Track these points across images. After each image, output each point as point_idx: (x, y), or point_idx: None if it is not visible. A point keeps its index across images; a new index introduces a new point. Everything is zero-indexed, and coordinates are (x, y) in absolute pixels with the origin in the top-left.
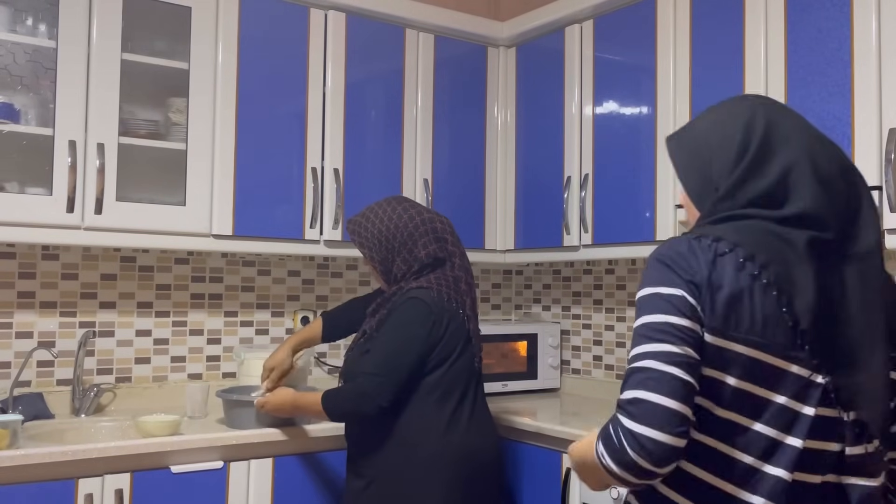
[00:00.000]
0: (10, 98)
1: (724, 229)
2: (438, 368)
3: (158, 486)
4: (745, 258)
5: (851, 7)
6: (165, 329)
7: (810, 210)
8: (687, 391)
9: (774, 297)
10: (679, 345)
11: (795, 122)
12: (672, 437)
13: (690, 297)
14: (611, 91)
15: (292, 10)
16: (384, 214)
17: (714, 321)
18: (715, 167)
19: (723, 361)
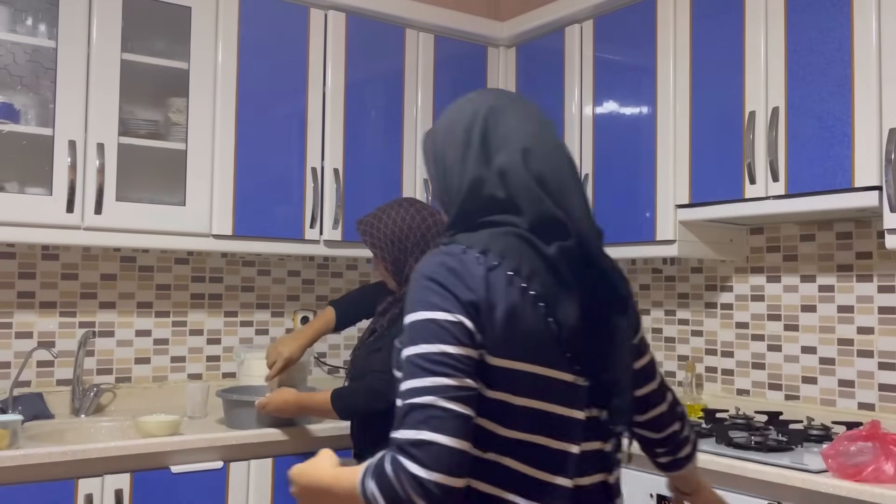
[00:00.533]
0: (10, 98)
1: (485, 239)
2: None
3: (158, 486)
4: (512, 271)
5: (851, 7)
6: (165, 329)
7: (546, 216)
8: (469, 426)
9: (542, 308)
10: (458, 377)
11: (517, 120)
12: (457, 478)
13: (469, 321)
14: (611, 91)
15: (292, 10)
16: (397, 216)
17: (495, 342)
18: (449, 171)
19: (508, 382)
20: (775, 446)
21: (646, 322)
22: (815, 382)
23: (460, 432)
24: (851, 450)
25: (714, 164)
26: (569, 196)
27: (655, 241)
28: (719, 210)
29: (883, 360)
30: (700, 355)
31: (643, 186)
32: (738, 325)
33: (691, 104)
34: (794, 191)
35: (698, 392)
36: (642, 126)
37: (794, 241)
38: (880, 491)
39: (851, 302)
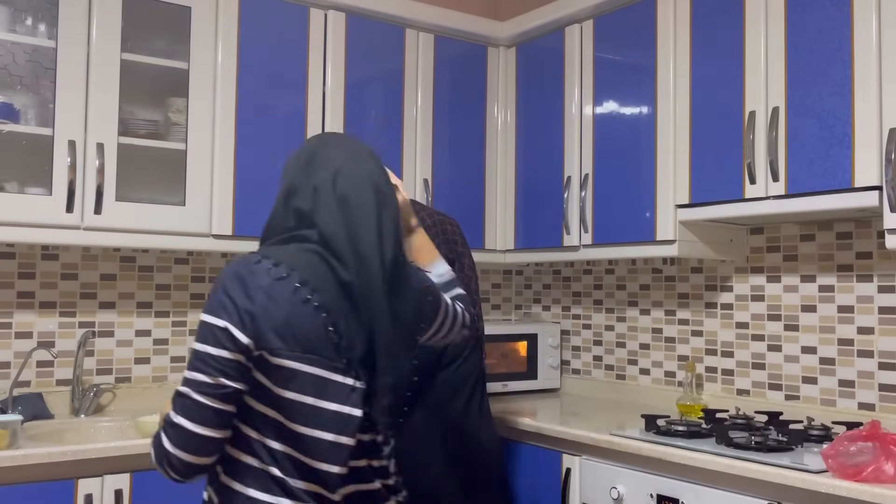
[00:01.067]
0: (10, 98)
1: (285, 253)
2: (449, 366)
3: (158, 486)
4: (299, 283)
5: (851, 7)
6: (165, 329)
7: (328, 232)
8: (218, 417)
9: (323, 318)
10: (213, 376)
11: (339, 149)
12: (198, 458)
13: (236, 328)
14: (611, 91)
15: (292, 10)
16: None
17: (276, 345)
18: (281, 191)
19: (291, 380)
20: (775, 446)
21: (646, 322)
22: (815, 382)
23: (207, 421)
24: (851, 450)
25: (714, 164)
26: (365, 218)
27: (655, 241)
28: (719, 210)
29: (883, 360)
30: (700, 355)
31: (643, 186)
32: (738, 325)
33: (691, 104)
34: (794, 191)
35: (698, 392)
36: (642, 126)
37: (794, 241)
38: (880, 491)
39: (851, 302)
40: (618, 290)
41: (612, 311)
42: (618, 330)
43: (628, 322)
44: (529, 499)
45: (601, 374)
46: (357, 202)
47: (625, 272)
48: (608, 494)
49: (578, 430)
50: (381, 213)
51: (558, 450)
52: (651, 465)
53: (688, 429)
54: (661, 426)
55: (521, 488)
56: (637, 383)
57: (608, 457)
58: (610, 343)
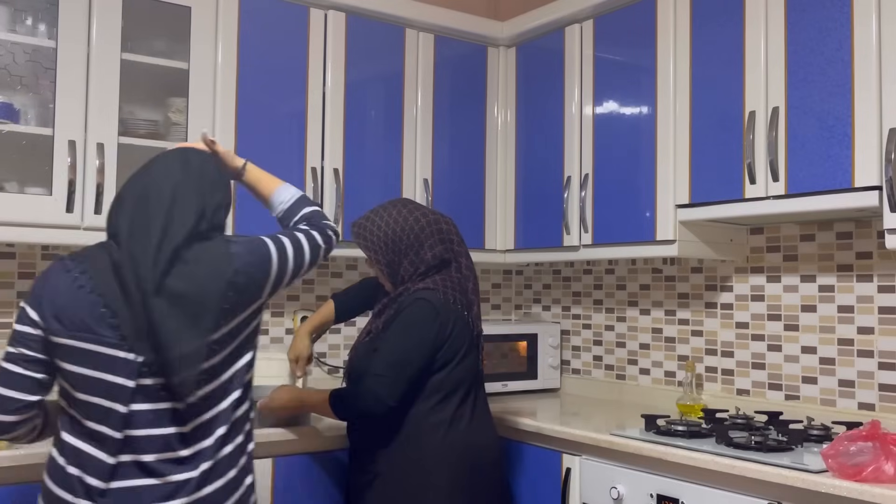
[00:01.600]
0: (10, 98)
1: (81, 251)
2: (443, 369)
3: None
4: (78, 273)
5: (851, 7)
6: None
7: (117, 226)
8: (22, 381)
9: (96, 300)
10: (16, 346)
11: (153, 165)
12: (8, 415)
13: (32, 309)
14: (611, 91)
15: (292, 10)
16: (389, 217)
17: (56, 326)
18: None
19: (66, 355)
20: (775, 446)
21: (646, 322)
22: (815, 382)
23: (10, 384)
24: (851, 450)
25: (714, 164)
26: (152, 210)
27: (655, 240)
28: (719, 210)
29: (883, 360)
30: (700, 355)
31: (643, 186)
32: (738, 325)
33: (691, 104)
34: (794, 191)
35: (698, 392)
36: (642, 126)
37: (794, 241)
38: (880, 491)
39: (851, 302)
40: (618, 290)
41: (612, 311)
42: (618, 330)
43: (628, 322)
44: (529, 499)
45: (601, 374)
46: (150, 199)
47: (625, 272)
48: (608, 494)
49: (578, 430)
50: (176, 202)
51: (558, 450)
52: (651, 465)
53: (688, 429)
54: (661, 426)
55: (521, 488)
56: (637, 383)
57: (608, 457)
58: (610, 343)
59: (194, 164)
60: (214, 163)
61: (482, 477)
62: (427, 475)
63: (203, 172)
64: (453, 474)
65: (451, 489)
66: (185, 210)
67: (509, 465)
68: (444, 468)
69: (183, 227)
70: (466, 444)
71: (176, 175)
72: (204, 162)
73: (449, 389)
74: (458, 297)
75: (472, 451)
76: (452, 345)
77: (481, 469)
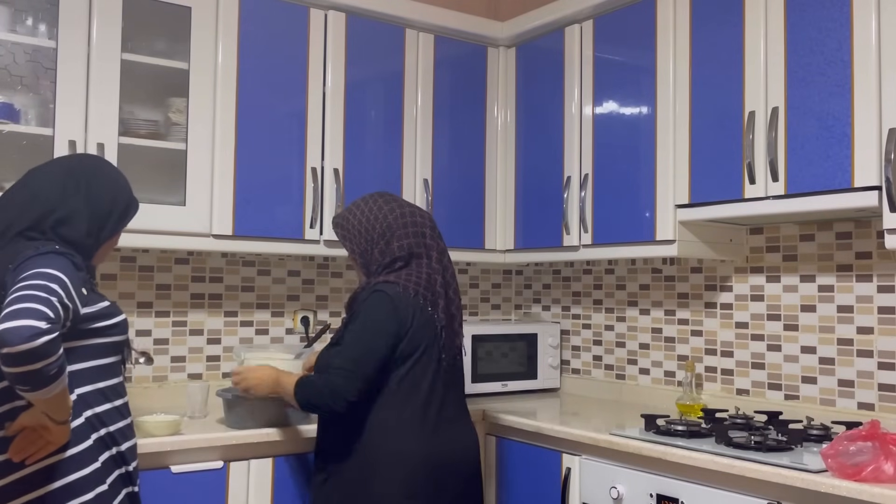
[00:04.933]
0: (10, 98)
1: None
2: (403, 364)
3: (158, 486)
4: None
5: (851, 7)
6: (165, 329)
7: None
8: None
9: None
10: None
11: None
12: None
13: None
14: (611, 91)
15: (292, 10)
16: (366, 207)
17: None
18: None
19: None
20: (775, 446)
21: (645, 322)
22: (814, 382)
23: None
24: (851, 449)
25: (714, 164)
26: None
27: (655, 240)
28: (719, 210)
29: (882, 359)
30: (700, 355)
31: (643, 186)
32: (737, 324)
33: (691, 104)
34: (793, 191)
35: (698, 392)
36: (642, 126)
37: (794, 241)
38: (880, 491)
39: (851, 302)
40: (618, 290)
41: (612, 310)
42: (617, 330)
43: (628, 322)
44: (529, 499)
45: (601, 374)
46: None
47: (624, 272)
48: (608, 494)
49: (578, 430)
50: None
51: (558, 450)
52: (651, 464)
53: (687, 428)
54: (660, 426)
55: (521, 488)
56: (637, 383)
57: (608, 456)
58: (610, 343)
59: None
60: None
61: (446, 487)
62: (378, 478)
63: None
64: (409, 482)
65: (406, 495)
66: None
67: (509, 465)
68: (400, 474)
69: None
70: (428, 451)
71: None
72: (91, 175)
73: (409, 387)
74: (422, 291)
75: (431, 455)
76: (413, 339)
77: (445, 478)
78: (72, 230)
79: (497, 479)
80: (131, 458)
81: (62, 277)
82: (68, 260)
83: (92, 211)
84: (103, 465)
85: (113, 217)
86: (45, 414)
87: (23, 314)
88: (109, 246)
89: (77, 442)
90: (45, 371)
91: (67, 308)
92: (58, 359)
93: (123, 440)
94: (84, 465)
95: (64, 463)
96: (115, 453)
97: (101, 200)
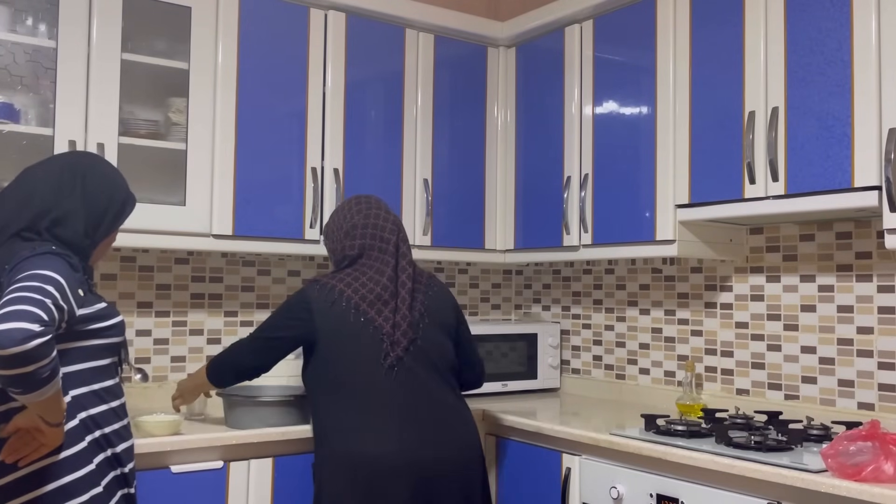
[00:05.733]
0: (10, 98)
1: None
2: (328, 362)
3: (158, 486)
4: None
5: (851, 7)
6: (165, 329)
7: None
8: None
9: None
10: None
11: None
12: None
13: None
14: (611, 91)
15: (292, 10)
16: (340, 208)
17: None
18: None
19: None
20: (775, 446)
21: (645, 322)
22: (814, 382)
23: None
24: (851, 449)
25: (714, 164)
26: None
27: (655, 240)
28: (719, 210)
29: (882, 359)
30: (700, 355)
31: (643, 186)
32: (737, 324)
33: (691, 104)
34: (793, 191)
35: (698, 392)
36: (642, 126)
37: (794, 241)
38: (880, 491)
39: (851, 302)
40: (617, 289)
41: (612, 310)
42: (617, 330)
43: (628, 322)
44: (529, 499)
45: (601, 374)
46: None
47: (624, 272)
48: (608, 494)
49: (578, 430)
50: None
51: (558, 450)
52: (651, 464)
53: (687, 428)
54: (660, 426)
55: (521, 488)
56: (637, 383)
57: (608, 456)
58: (610, 343)
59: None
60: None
61: (371, 489)
62: (323, 479)
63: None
64: (342, 484)
65: (339, 499)
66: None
67: (509, 465)
68: (338, 476)
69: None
70: (362, 458)
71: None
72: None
73: (345, 391)
74: (343, 288)
75: (369, 465)
76: (330, 334)
77: (370, 480)
78: (68, 230)
79: (497, 479)
80: (127, 460)
81: (57, 279)
82: (64, 261)
83: (88, 210)
84: (98, 467)
85: (109, 215)
86: (39, 416)
87: (15, 316)
88: (107, 244)
89: (71, 444)
90: (38, 374)
91: (62, 310)
92: (50, 361)
93: (119, 441)
94: (78, 468)
95: (57, 465)
96: (110, 455)
97: (97, 199)
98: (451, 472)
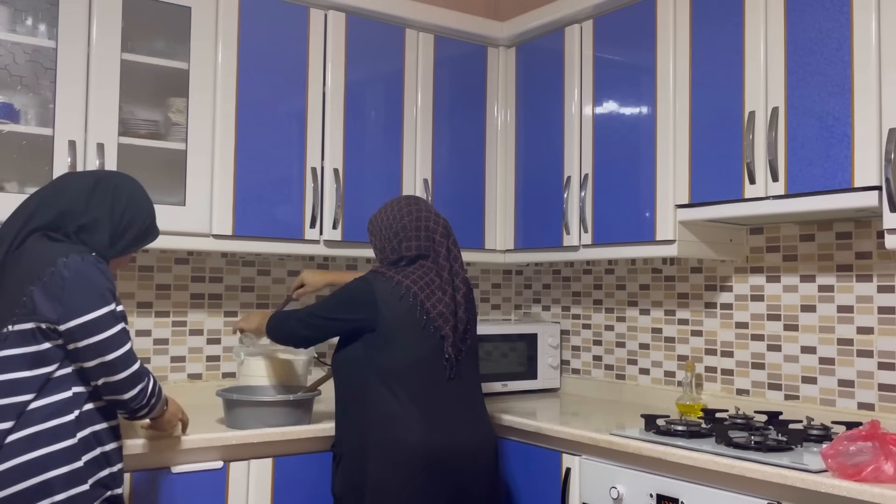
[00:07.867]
0: (10, 98)
1: None
2: (383, 351)
3: (158, 486)
4: None
5: (851, 7)
6: (165, 329)
7: None
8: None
9: None
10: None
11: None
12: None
13: None
14: (611, 91)
15: (292, 10)
16: (390, 207)
17: None
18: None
19: None
20: (775, 446)
21: (645, 322)
22: (814, 382)
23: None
24: (851, 449)
25: (714, 164)
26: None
27: (655, 240)
28: (719, 210)
29: (882, 360)
30: (700, 355)
31: (643, 186)
32: (737, 324)
33: (691, 104)
34: (793, 191)
35: (698, 392)
36: (642, 126)
37: (794, 241)
38: (880, 491)
39: (851, 302)
40: (617, 290)
41: (612, 311)
42: (617, 330)
43: (628, 322)
44: (529, 499)
45: (601, 374)
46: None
47: (624, 272)
48: (608, 494)
49: (578, 430)
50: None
51: (558, 450)
52: (651, 464)
53: (687, 429)
54: (660, 426)
55: (521, 488)
56: (637, 383)
57: (608, 456)
58: (610, 343)
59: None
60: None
61: (436, 477)
62: (375, 464)
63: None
64: (393, 471)
65: (401, 484)
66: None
67: (509, 465)
68: (391, 464)
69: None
70: (424, 443)
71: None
72: (117, 187)
73: (398, 379)
74: (410, 285)
75: (417, 448)
76: (392, 326)
77: (434, 469)
78: (95, 237)
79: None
80: (116, 460)
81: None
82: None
83: (112, 224)
84: (86, 465)
85: (128, 235)
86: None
87: (139, 377)
88: (115, 265)
89: (60, 439)
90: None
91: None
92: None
93: (109, 441)
94: (64, 463)
95: (43, 459)
96: (100, 454)
97: (121, 215)
98: (482, 465)
